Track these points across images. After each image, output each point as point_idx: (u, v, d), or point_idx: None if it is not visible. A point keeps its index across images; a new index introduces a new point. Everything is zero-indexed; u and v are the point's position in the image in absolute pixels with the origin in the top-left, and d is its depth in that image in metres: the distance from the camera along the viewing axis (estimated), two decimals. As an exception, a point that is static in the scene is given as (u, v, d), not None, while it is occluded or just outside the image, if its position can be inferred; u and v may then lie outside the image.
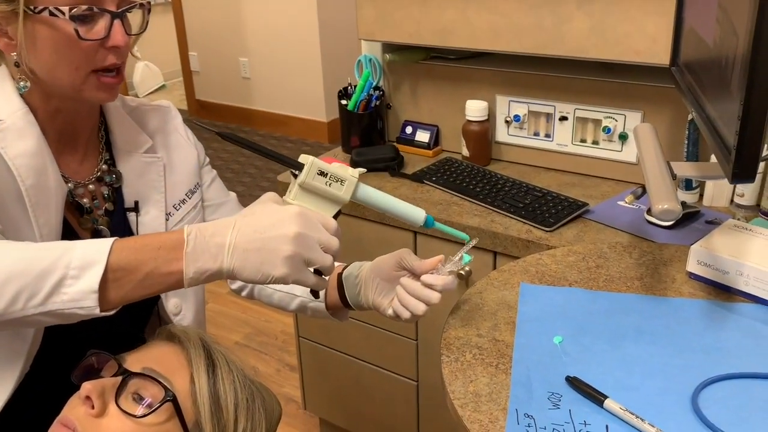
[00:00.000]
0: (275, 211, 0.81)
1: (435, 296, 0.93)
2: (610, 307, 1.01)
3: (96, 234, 1.02)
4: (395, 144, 1.83)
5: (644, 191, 1.06)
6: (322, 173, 0.85)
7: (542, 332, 0.96)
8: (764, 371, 0.86)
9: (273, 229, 0.79)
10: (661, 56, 1.34)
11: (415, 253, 1.42)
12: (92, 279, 0.77)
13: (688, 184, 1.45)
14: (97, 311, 0.78)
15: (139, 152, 1.06)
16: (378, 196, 0.90)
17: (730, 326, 0.96)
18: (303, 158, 0.86)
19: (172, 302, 1.08)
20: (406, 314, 0.95)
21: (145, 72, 5.70)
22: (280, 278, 0.79)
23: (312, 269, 0.82)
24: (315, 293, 0.91)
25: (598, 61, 1.47)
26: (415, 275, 0.96)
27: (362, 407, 1.83)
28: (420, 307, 0.94)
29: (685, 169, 1.04)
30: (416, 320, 0.95)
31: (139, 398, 0.80)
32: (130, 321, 1.06)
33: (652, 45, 1.36)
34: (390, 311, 0.98)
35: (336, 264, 1.09)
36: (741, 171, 0.78)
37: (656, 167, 0.99)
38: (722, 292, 1.03)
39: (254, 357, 2.49)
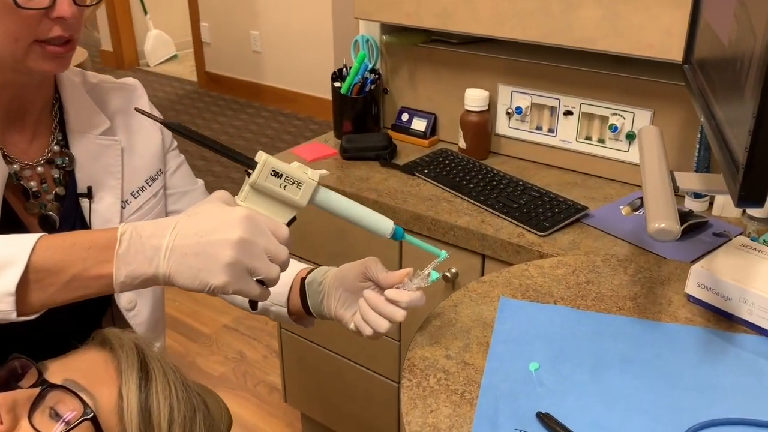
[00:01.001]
0: (221, 213, 0.72)
1: (399, 314, 0.84)
2: (597, 330, 0.91)
3: (44, 220, 0.94)
4: (390, 132, 1.73)
5: (643, 202, 0.96)
6: (277, 174, 0.75)
7: (518, 356, 0.86)
8: (766, 418, 0.76)
9: (215, 233, 0.70)
10: (675, 52, 1.22)
11: (400, 256, 1.34)
12: (9, 280, 0.69)
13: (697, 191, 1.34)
14: (13, 316, 0.70)
15: (95, 133, 0.98)
16: (341, 202, 0.81)
17: (730, 360, 0.86)
18: (258, 156, 0.77)
19: (125, 297, 1.00)
20: (367, 331, 0.87)
21: (157, 41, 5.60)
22: (219, 287, 0.70)
23: (255, 279, 0.73)
24: (253, 304, 0.83)
25: (607, 54, 1.36)
26: (381, 288, 0.87)
27: (343, 405, 1.75)
28: (382, 324, 0.85)
29: (690, 181, 0.94)
30: (379, 337, 0.87)
31: (56, 414, 0.72)
32: (77, 318, 0.98)
33: (666, 39, 1.24)
34: (351, 325, 0.89)
35: (301, 267, 1.01)
36: (748, 193, 0.68)
37: (657, 178, 0.89)
38: (723, 319, 0.93)
39: (242, 341, 2.42)
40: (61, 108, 0.96)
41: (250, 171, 0.77)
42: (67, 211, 0.95)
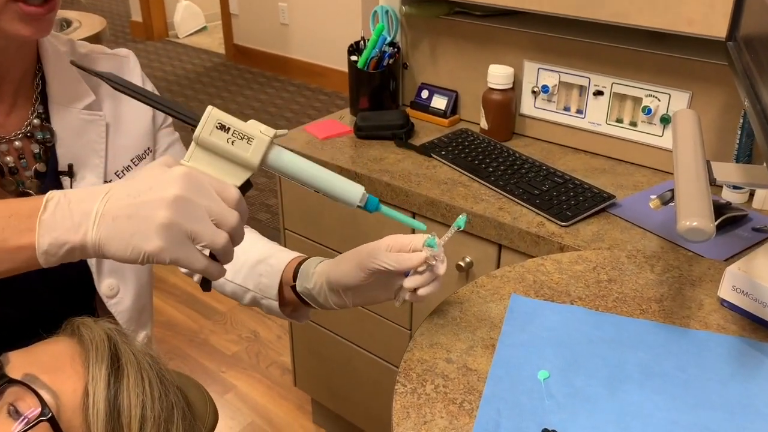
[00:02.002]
0: (159, 173, 0.63)
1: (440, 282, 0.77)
2: (616, 337, 0.82)
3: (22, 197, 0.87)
4: (408, 109, 1.64)
5: (674, 195, 0.86)
6: (224, 127, 0.66)
7: (526, 363, 0.78)
8: (801, 446, 0.67)
9: (149, 193, 0.61)
10: (718, 27, 1.11)
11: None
12: None
13: (737, 182, 1.22)
14: None
15: (78, 107, 0.91)
16: (299, 164, 0.69)
17: (765, 376, 0.76)
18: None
19: (105, 283, 0.94)
20: (425, 296, 0.79)
21: (186, 12, 5.55)
22: (153, 253, 0.61)
23: (201, 248, 0.64)
24: (205, 284, 0.72)
25: (643, 29, 1.24)
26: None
27: (352, 392, 1.69)
28: (436, 289, 0.78)
29: (728, 172, 0.83)
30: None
31: (15, 412, 0.66)
32: (59, 302, 0.92)
33: (708, 13, 1.13)
34: (398, 301, 0.81)
35: (294, 254, 0.93)
36: (797, 191, 0.58)
37: (691, 169, 0.79)
38: (760, 328, 0.84)
39: (257, 321, 2.37)
40: (43, 79, 0.90)
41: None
42: (48, 189, 0.89)
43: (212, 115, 0.66)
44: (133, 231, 0.61)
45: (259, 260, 0.91)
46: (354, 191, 0.71)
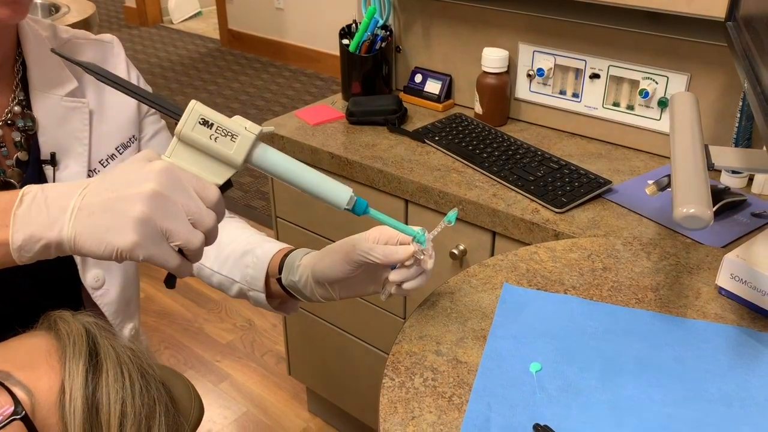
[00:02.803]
0: (137, 168, 0.61)
1: (430, 264, 0.75)
2: (611, 327, 0.80)
3: (3, 187, 0.85)
4: (402, 94, 1.61)
5: (671, 182, 0.83)
6: (207, 123, 0.63)
7: (518, 355, 0.76)
8: (801, 440, 0.65)
9: (127, 187, 0.59)
10: (718, 8, 1.07)
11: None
12: None
13: (736, 166, 1.20)
14: None
15: (60, 94, 0.88)
16: (285, 163, 0.66)
17: (765, 368, 0.74)
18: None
19: (91, 274, 0.92)
20: (411, 290, 0.77)
21: (181, -3, 5.49)
22: (126, 249, 0.58)
23: (175, 247, 0.61)
24: (169, 280, 0.69)
25: (640, 10, 1.21)
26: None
27: (346, 381, 1.67)
28: (423, 283, 0.76)
29: (727, 156, 0.81)
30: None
31: (-13, 410, 0.64)
32: (43, 295, 0.90)
33: (707, -8, 1.10)
34: (384, 294, 0.78)
35: (281, 246, 0.90)
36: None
37: (689, 154, 0.76)
38: (760, 318, 0.81)
39: (252, 310, 2.35)
40: (24, 65, 0.87)
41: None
42: (30, 179, 0.86)
43: (195, 110, 0.63)
44: (108, 226, 0.58)
45: (245, 251, 0.89)
46: (342, 193, 0.68)
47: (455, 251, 1.25)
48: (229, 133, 0.63)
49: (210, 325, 2.29)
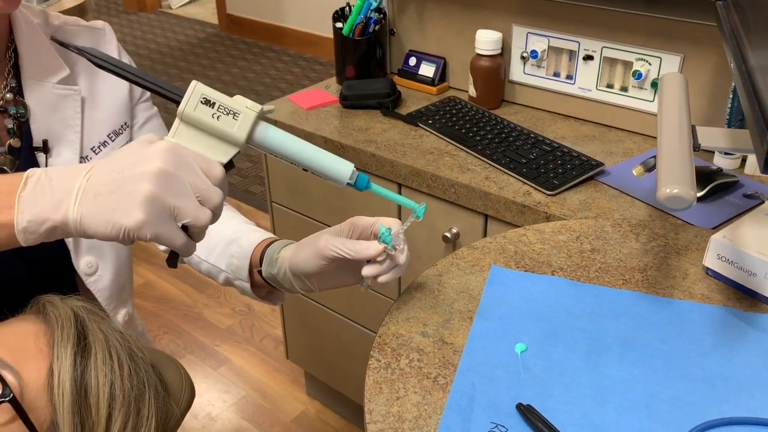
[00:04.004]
0: (142, 148, 0.61)
1: (402, 260, 0.74)
2: (597, 308, 0.80)
3: None
4: (396, 78, 1.61)
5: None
6: (209, 102, 0.63)
7: (503, 336, 0.76)
8: (782, 418, 0.65)
9: (134, 167, 0.59)
10: (709, -13, 1.07)
11: (399, 209, 1.20)
12: None
13: (728, 147, 1.19)
14: None
15: (52, 81, 0.88)
16: (286, 140, 0.67)
17: (749, 347, 0.74)
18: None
19: (84, 261, 0.92)
20: (386, 281, 0.76)
21: (179, -18, 5.46)
22: (134, 228, 0.59)
23: (181, 225, 0.62)
24: (171, 259, 0.69)
25: (633, -10, 1.20)
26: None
27: (343, 364, 1.68)
28: (396, 276, 0.76)
29: (714, 137, 0.81)
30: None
31: (-24, 393, 0.64)
32: (37, 280, 0.90)
33: (699, -28, 1.09)
34: (362, 288, 0.79)
35: (264, 236, 0.90)
36: (778, 156, 0.55)
37: (675, 134, 0.76)
38: (745, 297, 0.82)
39: (250, 294, 2.36)
40: (16, 52, 0.87)
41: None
42: (23, 166, 0.87)
43: (197, 89, 0.63)
44: (114, 206, 0.59)
45: (231, 240, 0.89)
46: (343, 169, 0.69)
47: (448, 234, 1.25)
48: (231, 112, 0.63)
49: (209, 310, 2.31)
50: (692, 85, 1.22)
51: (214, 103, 0.64)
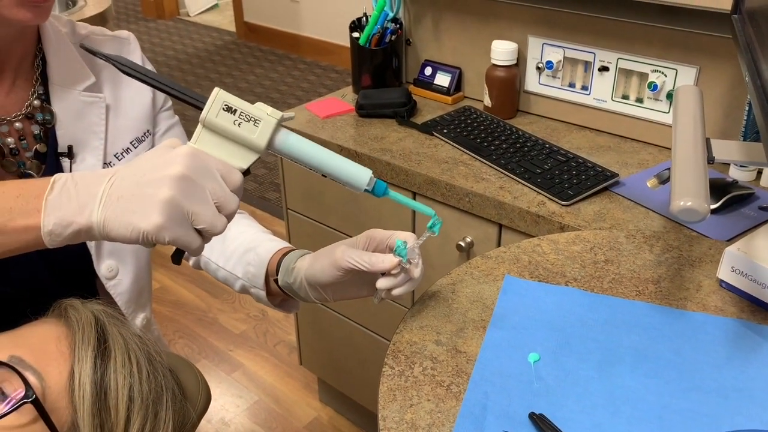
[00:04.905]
0: (164, 153, 0.63)
1: (416, 282, 0.76)
2: (611, 318, 0.81)
3: (22, 178, 0.87)
4: (412, 87, 1.62)
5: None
6: (230, 109, 0.65)
7: (517, 345, 0.77)
8: (795, 431, 0.65)
9: (155, 171, 0.61)
10: (726, 0, 1.07)
11: (413, 219, 1.22)
12: None
13: (744, 160, 1.19)
14: None
15: (78, 89, 0.90)
16: (305, 147, 0.68)
17: (762, 360, 0.75)
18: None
19: (105, 265, 0.94)
20: (400, 294, 0.77)
21: (197, -11, 5.52)
22: (152, 231, 0.60)
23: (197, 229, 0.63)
24: (176, 256, 0.69)
25: (650, 2, 1.21)
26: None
27: (355, 371, 1.69)
28: (410, 290, 0.77)
29: (728, 150, 0.81)
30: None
31: (0, 394, 0.66)
32: (60, 284, 0.92)
33: (715, -16, 1.09)
34: (376, 301, 0.80)
35: (281, 245, 0.91)
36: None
37: (689, 147, 0.76)
38: (759, 310, 0.82)
39: (265, 300, 2.38)
40: (44, 60, 0.89)
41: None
42: (48, 171, 0.89)
43: (219, 96, 0.65)
44: (134, 209, 0.60)
45: (248, 248, 0.91)
46: (362, 175, 0.70)
47: (462, 243, 1.26)
48: (252, 119, 0.65)
49: (224, 315, 2.33)
50: (708, 98, 1.22)
51: (235, 110, 0.65)
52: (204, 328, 2.27)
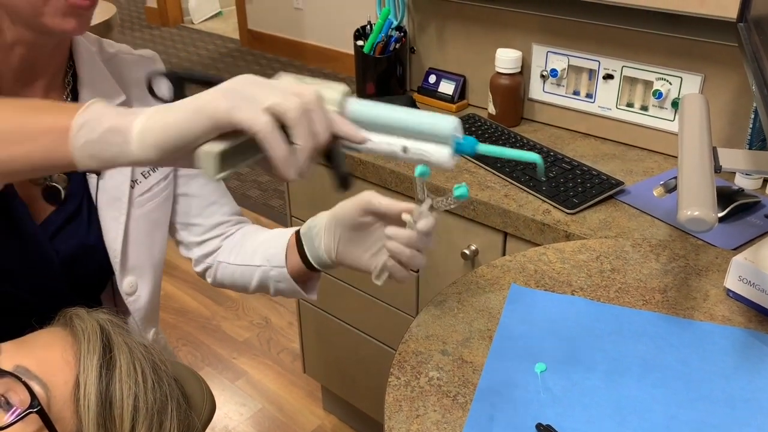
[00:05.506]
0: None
1: (420, 243, 0.74)
2: (617, 328, 0.80)
3: (48, 192, 0.87)
4: (416, 95, 1.62)
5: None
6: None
7: (523, 355, 0.76)
8: (804, 443, 0.65)
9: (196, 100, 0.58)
10: (731, 8, 1.07)
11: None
12: None
13: (750, 168, 1.19)
14: None
15: None
16: (375, 110, 0.62)
17: (770, 369, 0.74)
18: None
19: (127, 281, 0.93)
20: (403, 273, 0.76)
21: (201, -3, 5.54)
22: (223, 110, 0.55)
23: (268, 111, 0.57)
24: (343, 182, 0.61)
25: (654, 11, 1.21)
26: (385, 221, 0.77)
27: (359, 379, 1.69)
28: (420, 261, 0.75)
29: (735, 159, 0.81)
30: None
31: (6, 403, 0.66)
32: (79, 297, 0.92)
33: (720, -7, 1.09)
34: (375, 274, 0.79)
35: (295, 228, 0.91)
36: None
37: (695, 156, 0.76)
38: (767, 320, 0.81)
39: (268, 307, 2.38)
40: (74, 76, 0.89)
41: None
42: (75, 185, 0.89)
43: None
44: (191, 109, 0.56)
45: (266, 238, 0.94)
46: (443, 126, 0.61)
47: (467, 251, 1.26)
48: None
49: (227, 322, 2.32)
50: (713, 106, 1.22)
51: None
52: (207, 335, 2.26)
